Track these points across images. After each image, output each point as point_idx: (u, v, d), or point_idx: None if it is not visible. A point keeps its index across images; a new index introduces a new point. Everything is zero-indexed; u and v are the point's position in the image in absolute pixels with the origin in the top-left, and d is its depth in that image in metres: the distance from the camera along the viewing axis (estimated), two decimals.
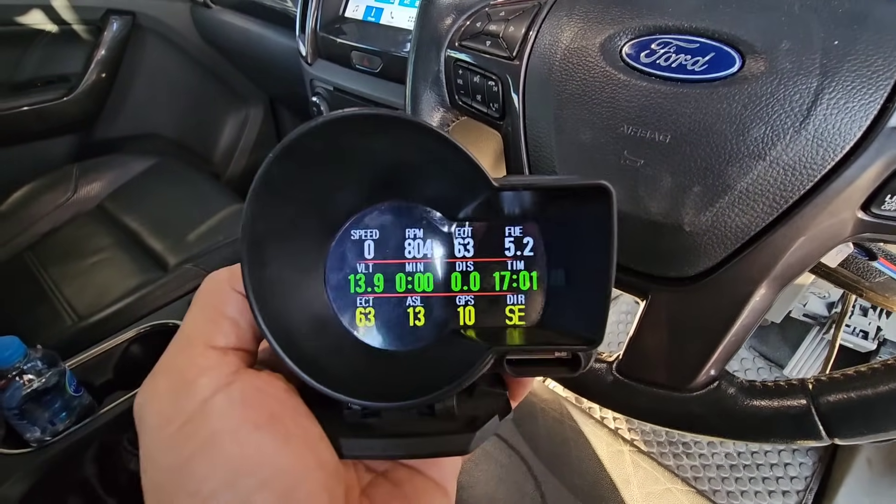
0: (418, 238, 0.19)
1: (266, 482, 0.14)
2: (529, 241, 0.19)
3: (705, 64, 0.28)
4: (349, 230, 0.19)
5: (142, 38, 1.23)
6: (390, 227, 0.19)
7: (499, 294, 0.19)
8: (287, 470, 0.14)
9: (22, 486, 0.52)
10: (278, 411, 0.16)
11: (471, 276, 0.19)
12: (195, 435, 0.14)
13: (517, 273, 0.19)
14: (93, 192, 1.08)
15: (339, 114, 0.15)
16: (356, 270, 0.18)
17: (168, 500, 0.14)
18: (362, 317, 0.18)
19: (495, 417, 0.18)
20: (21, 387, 0.55)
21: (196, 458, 0.14)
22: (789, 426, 0.28)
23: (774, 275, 0.27)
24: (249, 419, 0.15)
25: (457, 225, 0.19)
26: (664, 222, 0.28)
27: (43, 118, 1.13)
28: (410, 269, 0.18)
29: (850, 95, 0.24)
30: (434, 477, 0.19)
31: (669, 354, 0.31)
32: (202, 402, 0.15)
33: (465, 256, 0.19)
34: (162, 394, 0.15)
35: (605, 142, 0.30)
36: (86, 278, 0.89)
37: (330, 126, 0.16)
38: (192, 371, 0.15)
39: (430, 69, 0.41)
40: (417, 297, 0.19)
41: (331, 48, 0.78)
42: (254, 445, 0.14)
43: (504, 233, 0.18)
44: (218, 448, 0.14)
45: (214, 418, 0.15)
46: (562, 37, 0.33)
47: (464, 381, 0.16)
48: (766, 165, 0.25)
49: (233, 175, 1.46)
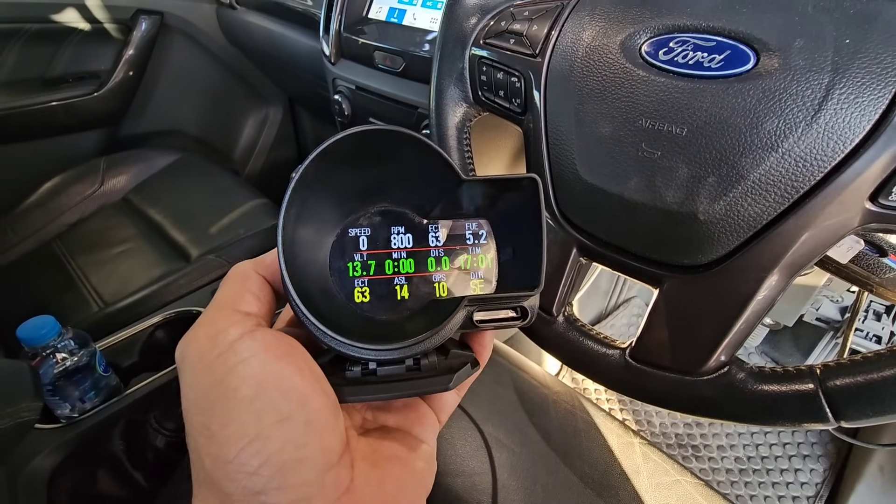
0: (401, 233, 0.24)
1: (286, 393, 0.18)
2: (482, 232, 0.24)
3: (721, 61, 0.29)
4: (347, 228, 0.23)
5: (169, 37, 1.27)
6: (379, 226, 0.24)
7: (464, 272, 0.24)
8: (301, 389, 0.18)
9: (54, 459, 0.55)
10: (292, 352, 0.19)
11: (442, 259, 0.24)
12: (228, 360, 0.18)
13: (476, 256, 0.24)
14: (118, 185, 1.12)
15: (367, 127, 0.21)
16: (353, 259, 0.23)
17: (209, 406, 0.18)
18: (359, 294, 0.23)
19: (468, 365, 0.23)
20: (54, 364, 0.58)
21: (230, 375, 0.18)
22: (796, 408, 0.29)
23: (785, 263, 0.28)
24: (270, 352, 0.19)
25: (430, 223, 0.24)
26: (679, 211, 0.30)
27: (72, 113, 1.17)
28: (396, 256, 0.24)
29: (860, 90, 0.25)
30: (417, 433, 0.23)
31: (681, 340, 0.32)
32: (232, 342, 0.18)
33: (437, 245, 0.24)
34: (200, 337, 0.19)
35: (623, 134, 0.32)
36: (112, 267, 0.92)
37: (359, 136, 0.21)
38: (224, 323, 0.19)
39: (455, 66, 0.43)
40: (402, 277, 0.24)
41: (354, 48, 0.80)
42: (275, 368, 0.18)
43: (465, 227, 0.24)
44: (248, 368, 0.18)
45: (243, 350, 0.18)
46: (583, 35, 0.35)
47: (447, 323, 0.21)
48: (779, 157, 0.27)
49: (252, 172, 1.50)
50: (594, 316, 1.22)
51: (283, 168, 1.54)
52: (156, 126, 1.36)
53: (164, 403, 0.58)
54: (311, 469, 0.17)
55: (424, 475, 0.22)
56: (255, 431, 0.17)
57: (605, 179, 0.33)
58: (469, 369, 0.23)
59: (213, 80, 1.40)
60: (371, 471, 0.20)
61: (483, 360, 0.25)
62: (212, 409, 0.17)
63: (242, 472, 0.16)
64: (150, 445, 0.55)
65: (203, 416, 0.18)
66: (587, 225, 0.36)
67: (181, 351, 0.19)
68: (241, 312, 0.20)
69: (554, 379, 0.61)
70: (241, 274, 0.22)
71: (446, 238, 0.24)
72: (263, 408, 0.17)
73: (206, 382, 0.18)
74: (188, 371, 0.19)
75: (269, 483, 0.16)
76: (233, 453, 0.17)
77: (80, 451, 0.56)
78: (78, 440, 0.57)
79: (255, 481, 0.16)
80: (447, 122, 0.44)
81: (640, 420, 1.04)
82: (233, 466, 0.17)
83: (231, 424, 0.17)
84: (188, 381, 0.18)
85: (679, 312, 0.32)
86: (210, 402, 0.18)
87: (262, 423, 0.17)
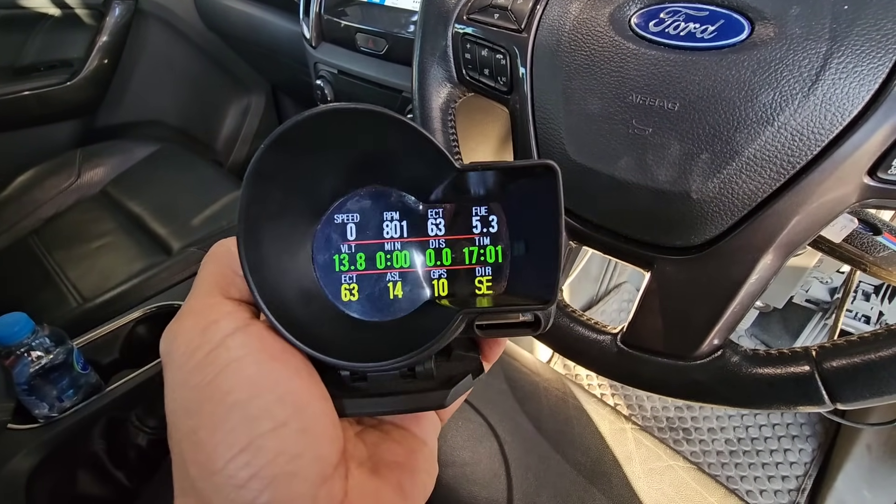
0: (395, 220, 0.20)
1: (282, 398, 0.16)
2: (494, 219, 0.21)
3: (714, 31, 0.28)
4: (332, 215, 0.20)
5: (144, 23, 1.23)
6: (370, 211, 0.20)
7: (469, 267, 0.21)
8: (298, 392, 0.17)
9: (31, 460, 0.53)
10: (289, 351, 0.18)
11: (443, 252, 0.21)
12: (220, 359, 0.16)
13: (484, 248, 0.21)
14: (96, 178, 1.08)
15: (323, 108, 0.17)
16: (340, 251, 0.20)
17: (197, 409, 0.16)
18: (347, 292, 0.20)
19: (468, 376, 0.20)
20: (29, 363, 0.56)
21: (222, 376, 0.16)
22: (792, 391, 0.28)
23: (781, 241, 0.27)
24: (265, 351, 0.17)
25: (429, 207, 0.20)
26: (671, 190, 0.29)
27: (45, 103, 1.13)
28: (389, 248, 0.20)
29: (860, 59, 0.24)
30: (417, 433, 0.21)
31: (674, 323, 0.31)
32: (225, 337, 0.17)
33: (438, 235, 0.20)
34: (188, 329, 0.17)
35: (613, 111, 0.30)
36: (90, 262, 0.89)
37: (316, 118, 0.17)
38: (215, 314, 0.17)
39: (438, 44, 0.41)
40: (396, 272, 0.20)
41: (335, 31, 0.78)
42: (270, 370, 0.17)
43: (472, 212, 0.20)
44: (241, 368, 0.16)
45: (236, 348, 0.17)
46: (570, 8, 0.33)
47: (439, 340, 0.18)
48: (774, 131, 0.26)
49: (235, 163, 1.46)
50: (585, 302, 1.21)
51: None
52: (133, 116, 1.32)
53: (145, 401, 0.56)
54: (304, 482, 0.16)
55: (425, 482, 0.20)
56: (246, 440, 0.15)
57: (594, 159, 0.32)
58: (469, 382, 0.20)
59: (192, 67, 1.36)
60: (368, 480, 0.18)
61: (491, 362, 0.23)
62: (200, 412, 0.16)
63: (230, 485, 0.15)
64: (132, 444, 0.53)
65: (190, 420, 0.16)
66: (576, 207, 0.34)
67: (167, 344, 0.17)
68: (231, 301, 0.18)
69: (545, 366, 0.60)
70: (226, 254, 0.19)
71: (449, 225, 0.21)
72: (257, 413, 0.16)
73: (195, 382, 0.16)
74: (175, 367, 0.17)
75: (259, 497, 0.15)
76: (221, 463, 0.15)
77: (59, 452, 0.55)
78: (57, 440, 0.55)
79: (244, 495, 0.15)
80: (431, 104, 0.43)
81: (632, 405, 1.05)
82: (220, 478, 0.15)
83: (220, 431, 0.15)
84: (175, 380, 0.17)
85: (671, 295, 0.31)
86: (198, 405, 0.16)
87: (254, 430, 0.16)
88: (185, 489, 0.16)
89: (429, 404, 0.19)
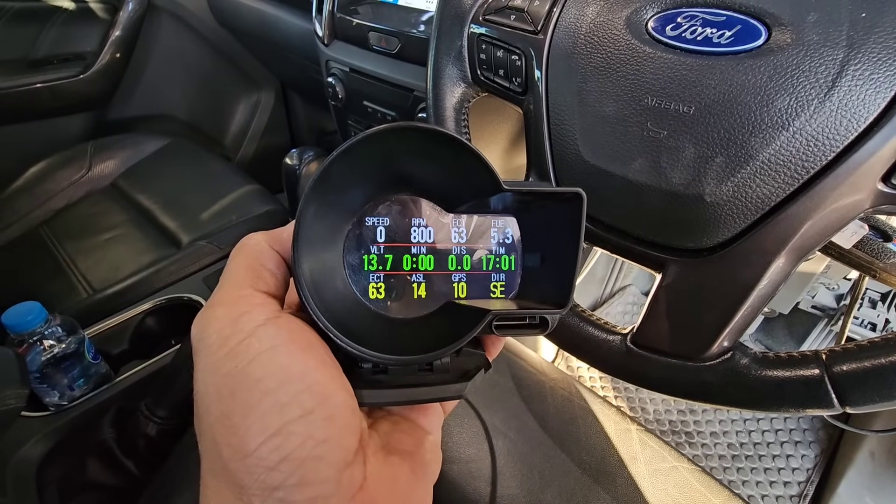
0: (422, 227, 0.22)
1: (310, 387, 0.17)
2: (509, 232, 0.23)
3: (731, 37, 0.28)
4: (364, 217, 0.22)
5: (157, 18, 1.24)
6: (399, 216, 0.22)
7: (485, 273, 0.23)
8: (324, 383, 0.18)
9: (42, 447, 0.54)
10: (315, 343, 0.19)
11: (463, 258, 0.22)
12: (252, 348, 0.17)
13: (500, 257, 0.23)
14: (107, 170, 1.09)
15: (398, 125, 0.19)
16: (370, 251, 0.22)
17: (229, 395, 0.17)
18: (374, 290, 0.22)
19: (482, 370, 0.22)
20: (41, 352, 0.57)
21: (253, 364, 0.17)
22: (801, 394, 0.28)
23: (793, 245, 0.27)
24: (295, 342, 0.18)
25: (454, 217, 0.22)
26: (685, 193, 0.29)
27: (58, 96, 1.14)
28: (415, 251, 0.22)
29: (876, 66, 0.24)
30: (423, 424, 0.22)
31: (685, 325, 0.31)
32: (256, 327, 0.18)
33: (460, 242, 0.22)
34: (220, 318, 0.18)
35: (628, 114, 0.31)
36: (100, 253, 0.90)
37: (387, 133, 0.19)
38: (246, 305, 0.18)
39: (454, 44, 0.42)
40: (420, 274, 0.22)
41: (347, 29, 0.78)
42: (299, 360, 0.17)
43: (491, 224, 0.23)
44: (273, 358, 0.17)
45: (267, 338, 0.17)
46: (587, 10, 0.34)
47: (467, 337, 0.20)
48: (790, 136, 0.26)
49: (244, 158, 1.47)
50: (590, 304, 1.21)
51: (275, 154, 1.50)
52: (144, 110, 1.33)
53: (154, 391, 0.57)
54: (330, 467, 0.17)
55: (432, 467, 0.22)
56: (277, 425, 0.16)
57: (608, 160, 0.32)
58: (483, 374, 0.22)
59: (203, 63, 1.37)
60: (382, 467, 0.19)
61: (492, 358, 0.25)
62: (232, 397, 0.17)
63: (261, 467, 0.16)
64: (141, 433, 0.54)
65: (223, 405, 0.17)
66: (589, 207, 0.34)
67: (199, 330, 0.18)
68: (261, 293, 0.19)
69: (550, 366, 0.61)
70: (256, 247, 0.20)
71: (470, 235, 0.22)
72: (287, 401, 0.17)
73: (228, 369, 0.17)
74: (206, 354, 0.18)
75: (288, 479, 0.16)
76: (253, 446, 0.16)
77: (69, 439, 0.55)
78: (67, 428, 0.56)
79: (274, 477, 0.16)
80: (445, 103, 0.43)
81: (635, 407, 1.05)
82: (252, 460, 0.16)
83: (252, 416, 0.16)
84: (206, 366, 0.17)
85: (682, 297, 0.31)
86: (230, 391, 0.17)
87: (284, 417, 0.16)
88: (214, 470, 0.17)
89: (450, 395, 0.21)
